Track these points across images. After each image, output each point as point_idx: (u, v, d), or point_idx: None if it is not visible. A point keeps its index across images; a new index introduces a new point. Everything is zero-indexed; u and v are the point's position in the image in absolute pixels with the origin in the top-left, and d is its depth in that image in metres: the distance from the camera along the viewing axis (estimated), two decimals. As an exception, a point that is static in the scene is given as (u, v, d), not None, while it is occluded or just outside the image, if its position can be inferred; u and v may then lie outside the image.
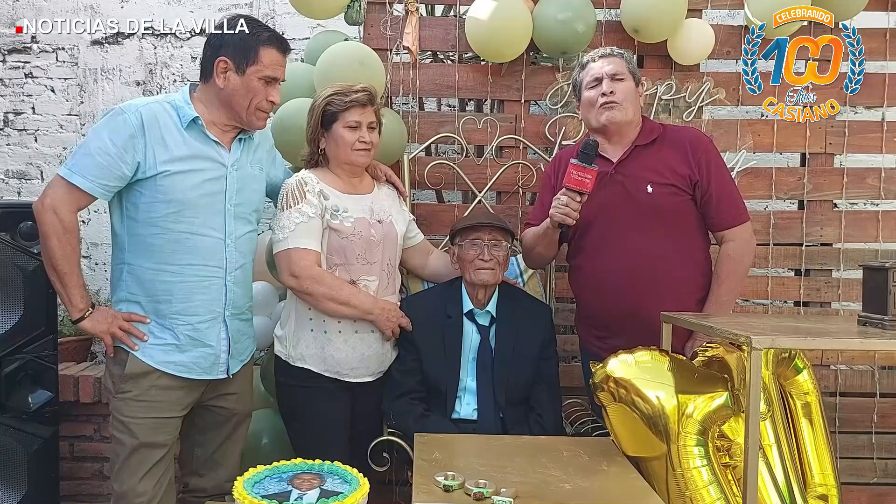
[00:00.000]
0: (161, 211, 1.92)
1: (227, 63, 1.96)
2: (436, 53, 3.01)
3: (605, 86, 2.23)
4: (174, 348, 1.97)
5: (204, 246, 1.97)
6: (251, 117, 2.01)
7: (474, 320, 2.33)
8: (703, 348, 2.03)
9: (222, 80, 1.96)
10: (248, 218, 2.08)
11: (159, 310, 1.96)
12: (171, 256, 1.94)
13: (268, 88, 1.99)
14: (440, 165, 2.86)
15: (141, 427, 1.94)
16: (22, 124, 3.66)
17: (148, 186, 1.92)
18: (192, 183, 1.94)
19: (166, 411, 1.97)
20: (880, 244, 2.92)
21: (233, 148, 2.04)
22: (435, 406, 2.29)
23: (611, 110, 2.23)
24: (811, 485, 2.18)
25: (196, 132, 1.97)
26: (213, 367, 2.03)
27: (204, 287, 1.98)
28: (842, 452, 2.82)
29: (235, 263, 2.03)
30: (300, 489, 1.41)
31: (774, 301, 2.98)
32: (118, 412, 1.96)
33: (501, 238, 2.32)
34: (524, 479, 1.66)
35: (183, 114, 1.96)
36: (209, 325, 2.00)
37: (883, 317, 1.79)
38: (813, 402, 2.23)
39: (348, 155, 2.21)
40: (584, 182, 2.09)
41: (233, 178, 2.02)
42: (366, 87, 2.22)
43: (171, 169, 1.91)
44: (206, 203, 1.97)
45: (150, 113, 1.93)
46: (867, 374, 2.92)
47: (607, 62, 2.26)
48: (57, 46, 3.66)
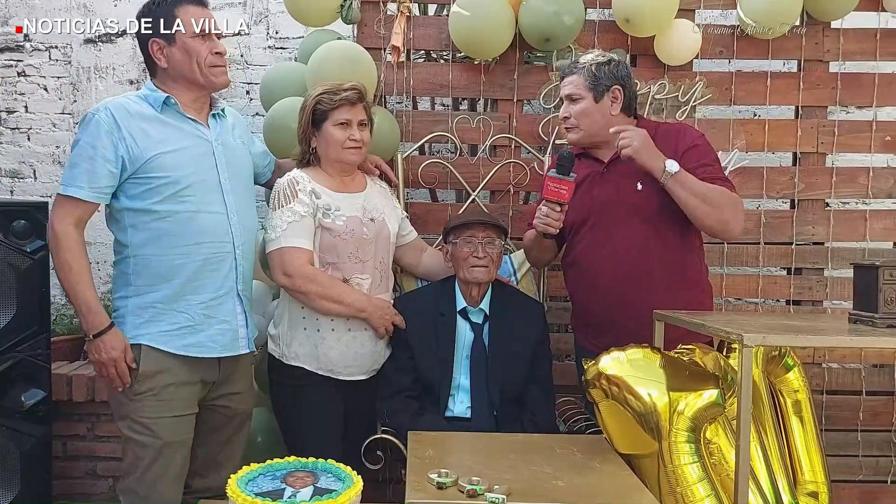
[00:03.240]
0: (161, 194, 1.93)
1: (158, 42, 1.98)
2: (429, 53, 3.01)
3: (562, 109, 2.30)
4: (189, 330, 1.97)
5: (209, 223, 1.98)
6: (209, 77, 2.01)
7: (468, 318, 2.34)
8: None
9: (163, 60, 1.99)
10: (243, 192, 2.10)
11: (170, 295, 1.96)
12: (177, 238, 1.95)
13: (207, 43, 1.99)
14: (434, 164, 2.86)
15: (164, 427, 1.94)
16: (15, 123, 3.65)
17: (142, 175, 1.93)
18: (181, 161, 1.96)
19: (185, 408, 1.98)
20: (871, 243, 2.94)
21: (210, 124, 2.06)
22: (428, 404, 2.30)
23: (569, 132, 2.29)
24: (801, 482, 2.20)
25: (172, 113, 2.00)
26: (232, 343, 2.04)
27: (215, 263, 1.99)
28: (832, 450, 2.83)
29: (241, 237, 2.04)
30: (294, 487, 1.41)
31: (766, 300, 2.99)
32: (137, 414, 1.94)
33: (495, 236, 2.33)
34: (517, 476, 1.67)
35: (153, 99, 1.98)
36: (222, 301, 2.01)
37: (873, 314, 1.80)
38: (803, 399, 2.25)
39: (339, 153, 2.22)
40: (561, 193, 2.13)
41: (220, 152, 2.04)
42: (355, 86, 2.23)
43: (158, 152, 1.93)
44: (201, 180, 1.98)
45: (119, 106, 1.94)
46: (857, 373, 2.94)
47: (567, 81, 2.28)
48: (50, 45, 3.63)
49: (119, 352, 1.91)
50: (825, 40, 2.87)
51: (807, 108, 2.92)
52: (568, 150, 2.17)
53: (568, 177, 2.13)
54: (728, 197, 2.16)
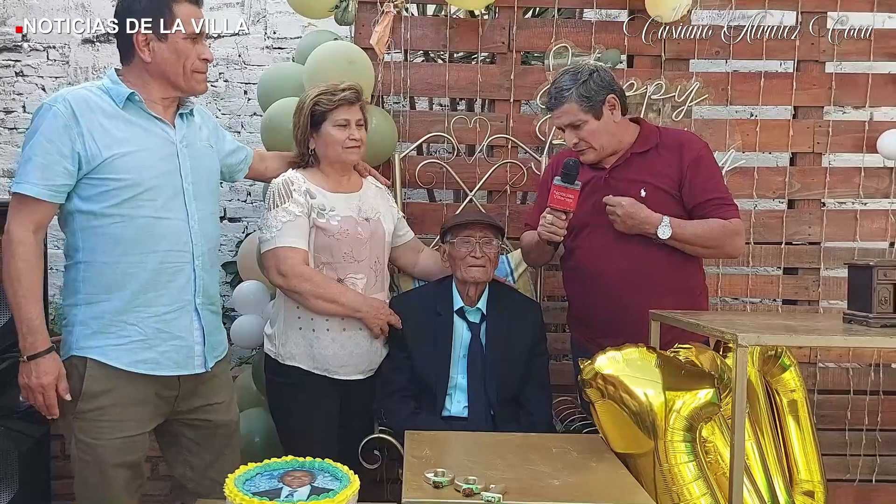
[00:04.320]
0: (118, 197, 1.77)
1: (146, 35, 1.81)
2: (427, 53, 3.02)
3: (567, 138, 2.26)
4: (141, 345, 1.80)
5: (167, 230, 1.82)
6: (190, 82, 1.87)
7: (465, 318, 2.34)
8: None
9: (147, 54, 1.82)
10: (208, 198, 1.94)
11: (122, 305, 1.79)
12: (132, 245, 1.79)
13: (196, 46, 1.86)
14: (431, 164, 2.87)
15: (108, 449, 1.78)
16: (13, 123, 3.65)
17: (97, 176, 1.76)
18: (142, 164, 1.79)
19: (135, 428, 1.81)
20: (866, 243, 2.95)
21: (177, 124, 1.90)
22: (425, 403, 2.30)
23: (584, 154, 2.26)
24: (797, 481, 2.20)
25: (135, 110, 1.83)
26: (186, 361, 1.87)
27: (171, 274, 1.83)
28: (828, 449, 2.85)
29: (202, 247, 1.88)
30: (291, 486, 1.41)
31: (762, 299, 3.00)
32: (81, 433, 1.78)
33: (492, 236, 2.33)
34: (513, 475, 1.67)
35: (116, 93, 1.81)
36: (177, 315, 1.85)
37: (867, 314, 1.80)
38: (799, 399, 2.25)
39: (339, 153, 2.22)
40: (567, 202, 2.14)
41: (184, 155, 1.88)
42: (352, 86, 2.23)
43: (117, 152, 1.76)
44: (163, 184, 1.82)
45: (79, 99, 1.77)
46: (853, 372, 2.95)
47: (559, 113, 2.23)
48: (48, 45, 3.64)
49: (51, 378, 1.74)
50: (820, 41, 2.88)
51: (802, 108, 2.94)
52: (573, 159, 2.18)
53: (573, 185, 2.14)
54: (725, 231, 2.20)
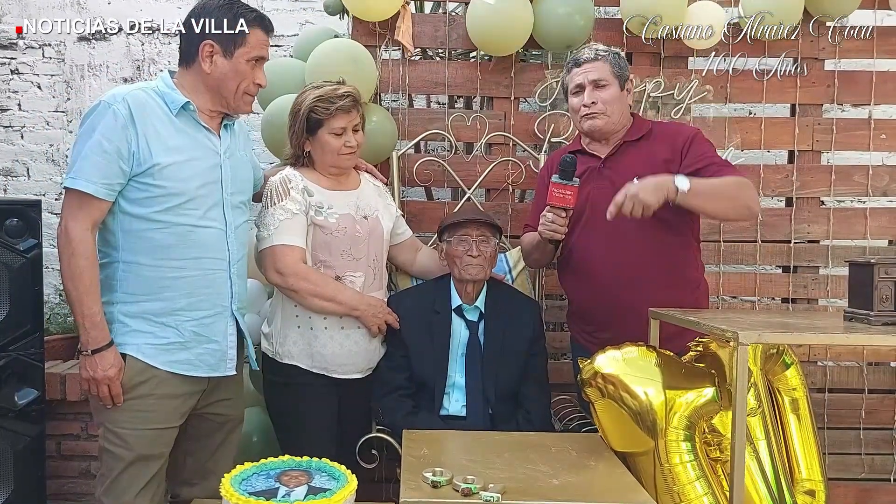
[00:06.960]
0: (163, 205, 1.82)
1: (214, 47, 1.86)
2: (425, 50, 3.01)
3: (587, 95, 2.23)
4: (178, 346, 1.87)
5: (207, 238, 1.89)
6: (238, 102, 1.92)
7: (463, 316, 2.33)
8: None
9: (209, 65, 1.87)
10: (242, 207, 2.01)
11: (161, 308, 1.85)
12: (173, 251, 1.84)
13: (255, 71, 1.92)
14: (429, 162, 2.85)
15: (139, 439, 1.84)
16: (8, 121, 3.64)
17: (144, 180, 1.81)
18: (190, 173, 1.85)
19: (165, 421, 1.87)
20: (867, 241, 2.94)
21: (222, 135, 1.96)
22: (423, 402, 2.29)
23: (593, 119, 2.24)
24: (798, 480, 2.20)
25: (187, 119, 1.88)
26: (219, 364, 1.94)
27: (209, 281, 1.90)
28: (829, 448, 2.85)
29: (237, 255, 1.96)
30: (288, 486, 1.40)
31: (762, 298, 2.99)
32: (113, 423, 1.84)
33: (490, 234, 2.32)
34: (512, 474, 1.66)
35: (171, 100, 1.86)
36: (214, 320, 1.92)
37: (868, 312, 1.80)
38: (800, 397, 2.24)
39: (335, 160, 2.21)
40: (566, 199, 2.13)
41: (227, 166, 1.94)
42: (349, 92, 2.19)
43: (166, 160, 1.81)
44: (206, 194, 1.87)
45: (137, 100, 1.81)
46: (854, 370, 2.95)
47: (590, 67, 2.23)
48: (43, 42, 3.63)
49: (116, 370, 1.81)
50: (821, 38, 2.87)
51: (803, 105, 2.93)
52: (570, 156, 2.16)
53: (572, 181, 2.13)
54: (738, 183, 2.12)
